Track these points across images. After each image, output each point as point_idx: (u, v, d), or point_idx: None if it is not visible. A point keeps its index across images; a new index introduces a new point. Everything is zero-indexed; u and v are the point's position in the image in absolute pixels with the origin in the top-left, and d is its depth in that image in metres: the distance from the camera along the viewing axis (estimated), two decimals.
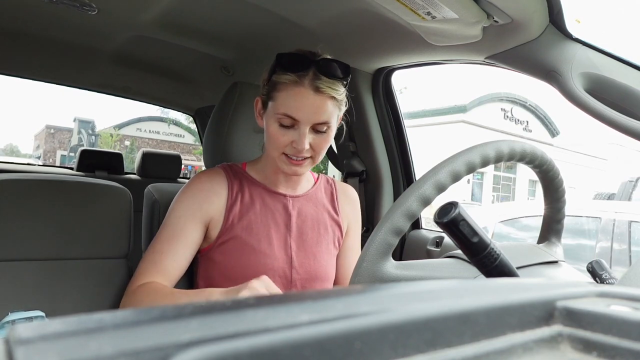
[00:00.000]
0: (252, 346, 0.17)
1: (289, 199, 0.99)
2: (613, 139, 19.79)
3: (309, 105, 0.86)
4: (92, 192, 1.01)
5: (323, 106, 0.87)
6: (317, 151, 0.90)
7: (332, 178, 1.10)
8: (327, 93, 0.86)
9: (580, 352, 0.24)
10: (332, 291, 0.25)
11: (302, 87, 0.86)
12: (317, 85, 0.86)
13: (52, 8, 1.31)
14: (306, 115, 0.86)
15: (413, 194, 0.52)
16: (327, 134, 0.90)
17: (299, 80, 0.86)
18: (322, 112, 0.87)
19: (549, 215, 0.69)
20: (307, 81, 0.86)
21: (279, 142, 0.88)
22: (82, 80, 2.23)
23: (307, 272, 0.96)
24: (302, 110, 0.86)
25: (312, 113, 0.86)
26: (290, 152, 0.89)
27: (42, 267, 0.94)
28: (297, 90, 0.86)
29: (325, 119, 0.88)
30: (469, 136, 15.56)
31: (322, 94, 0.86)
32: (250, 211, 0.95)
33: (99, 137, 23.40)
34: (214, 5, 1.21)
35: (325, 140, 0.90)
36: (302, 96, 0.86)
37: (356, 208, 1.10)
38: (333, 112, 0.89)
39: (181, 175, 2.75)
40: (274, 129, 0.88)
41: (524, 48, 0.97)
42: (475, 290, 0.27)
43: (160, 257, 0.88)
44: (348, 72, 0.90)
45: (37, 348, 0.15)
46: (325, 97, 0.86)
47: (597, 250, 2.79)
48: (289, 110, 0.86)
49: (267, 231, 0.94)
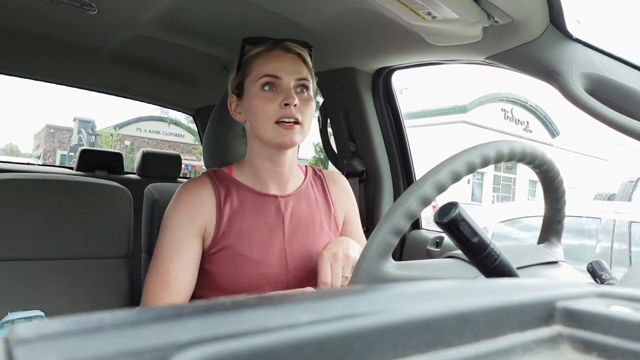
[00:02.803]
0: (251, 346, 0.17)
1: (280, 199, 0.96)
2: (613, 139, 19.80)
3: (286, 62, 0.91)
4: (92, 192, 1.01)
5: (298, 63, 0.93)
6: (304, 114, 0.90)
7: (319, 168, 1.09)
8: (298, 51, 0.93)
9: (581, 352, 0.24)
10: (332, 291, 0.25)
11: (274, 50, 0.93)
12: (287, 46, 0.93)
13: (52, 8, 1.31)
14: (287, 71, 0.90)
15: (413, 194, 0.52)
16: (310, 99, 0.93)
17: (271, 47, 0.93)
18: (299, 67, 0.92)
19: (549, 216, 0.69)
20: (277, 47, 0.93)
21: (267, 108, 0.89)
22: (82, 80, 2.22)
23: (304, 274, 0.94)
24: (281, 67, 0.90)
25: (290, 68, 0.91)
26: (282, 115, 0.88)
27: (42, 267, 0.94)
28: (270, 53, 0.92)
29: (305, 75, 0.92)
30: (469, 136, 15.56)
31: (294, 52, 0.93)
32: (241, 218, 0.92)
33: (99, 137, 23.41)
34: (214, 5, 1.21)
35: (309, 104, 0.92)
36: (277, 56, 0.92)
37: (349, 194, 1.09)
38: (308, 75, 0.94)
39: (181, 175, 2.74)
40: (259, 98, 0.90)
41: (524, 48, 0.97)
42: (475, 290, 0.27)
43: (169, 278, 0.86)
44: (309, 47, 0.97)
45: (37, 348, 0.15)
46: (296, 56, 0.93)
47: (598, 251, 2.79)
48: (269, 70, 0.90)
49: (259, 237, 0.92)
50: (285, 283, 0.92)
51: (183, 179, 2.73)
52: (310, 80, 0.95)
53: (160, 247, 0.88)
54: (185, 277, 0.87)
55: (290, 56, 0.93)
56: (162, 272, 0.86)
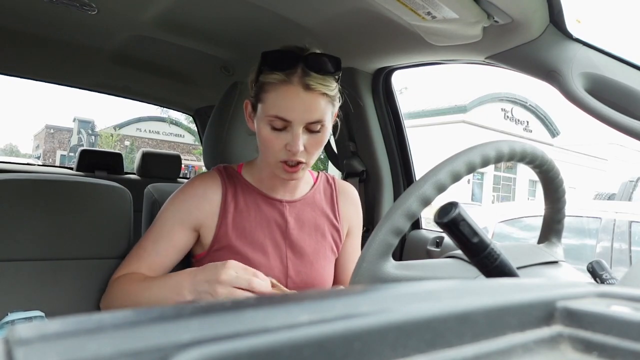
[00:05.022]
0: (252, 346, 0.17)
1: (286, 204, 0.95)
2: (613, 139, 19.79)
3: (300, 104, 0.81)
4: (92, 192, 1.01)
5: (315, 104, 0.82)
6: (311, 154, 0.86)
7: (332, 176, 1.07)
8: (318, 90, 0.81)
9: (581, 352, 0.24)
10: (332, 291, 0.25)
11: (291, 85, 0.81)
12: (307, 82, 0.80)
13: (52, 8, 1.31)
14: (298, 115, 0.81)
15: (413, 194, 0.52)
16: (322, 134, 0.86)
17: (288, 79, 0.81)
18: (314, 110, 0.82)
19: (549, 216, 0.69)
20: (296, 79, 0.80)
21: (272, 146, 0.84)
22: (82, 80, 2.22)
23: (303, 281, 0.93)
24: (293, 110, 0.81)
25: (303, 112, 0.81)
26: (285, 157, 0.84)
27: (42, 267, 0.94)
28: (286, 89, 0.81)
29: (318, 118, 0.83)
30: (469, 136, 15.55)
31: (313, 91, 0.81)
32: (245, 219, 0.92)
33: (98, 137, 23.41)
34: (214, 5, 1.21)
35: (320, 141, 0.86)
36: (292, 95, 0.81)
37: (357, 209, 1.07)
38: (326, 109, 0.84)
39: (181, 175, 2.75)
40: (265, 133, 0.84)
41: (524, 48, 0.97)
42: (475, 290, 0.27)
43: (144, 254, 0.89)
44: (339, 65, 0.85)
45: (37, 348, 0.15)
46: (316, 95, 0.81)
47: (598, 250, 2.79)
48: (280, 111, 0.81)
49: (262, 240, 0.92)
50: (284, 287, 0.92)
51: (183, 179, 2.73)
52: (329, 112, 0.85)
53: (151, 227, 0.91)
54: (162, 260, 0.88)
55: (308, 96, 0.81)
56: (141, 247, 0.89)
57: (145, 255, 0.89)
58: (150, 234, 0.90)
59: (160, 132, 25.06)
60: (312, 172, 1.05)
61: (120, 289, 0.85)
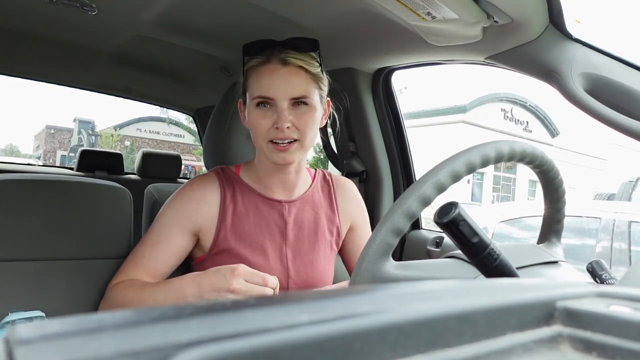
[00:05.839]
0: (252, 346, 0.17)
1: (285, 205, 0.95)
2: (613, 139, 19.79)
3: (280, 80, 0.84)
4: (92, 192, 1.01)
5: (295, 78, 0.84)
6: (302, 130, 0.85)
7: (329, 173, 1.07)
8: (295, 63, 0.84)
9: (581, 352, 0.24)
10: (332, 291, 0.25)
11: (269, 64, 0.85)
12: (284, 58, 0.84)
13: (52, 8, 1.31)
14: (279, 90, 0.83)
15: (413, 194, 0.52)
16: (310, 112, 0.86)
17: (267, 59, 0.85)
18: (295, 84, 0.84)
19: (548, 216, 0.69)
20: (274, 58, 0.85)
21: (260, 127, 0.85)
22: (82, 81, 2.22)
23: (304, 280, 0.93)
24: (273, 86, 0.84)
25: (285, 88, 0.84)
26: (274, 136, 0.85)
27: (42, 267, 0.94)
28: (265, 68, 0.85)
29: (301, 93, 0.85)
30: (469, 136, 15.55)
31: (291, 65, 0.84)
32: (244, 221, 0.92)
33: (99, 137, 23.41)
34: (214, 5, 1.21)
35: (308, 118, 0.86)
36: (272, 72, 0.84)
37: (358, 202, 1.06)
38: (309, 86, 0.86)
39: (181, 175, 2.75)
40: (253, 115, 0.86)
41: (524, 48, 0.97)
42: (475, 290, 0.27)
43: (142, 261, 0.88)
44: (316, 45, 0.89)
45: (37, 348, 0.15)
46: (294, 68, 0.84)
47: (598, 250, 2.79)
48: (262, 90, 0.84)
49: (261, 242, 0.91)
50: (285, 288, 0.92)
51: (183, 179, 2.73)
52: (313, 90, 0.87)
53: (149, 231, 0.90)
54: (160, 265, 0.88)
55: (286, 70, 0.84)
56: (139, 254, 0.89)
57: (144, 261, 0.88)
58: (148, 238, 0.89)
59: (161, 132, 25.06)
60: (310, 171, 1.04)
61: (120, 295, 0.84)
